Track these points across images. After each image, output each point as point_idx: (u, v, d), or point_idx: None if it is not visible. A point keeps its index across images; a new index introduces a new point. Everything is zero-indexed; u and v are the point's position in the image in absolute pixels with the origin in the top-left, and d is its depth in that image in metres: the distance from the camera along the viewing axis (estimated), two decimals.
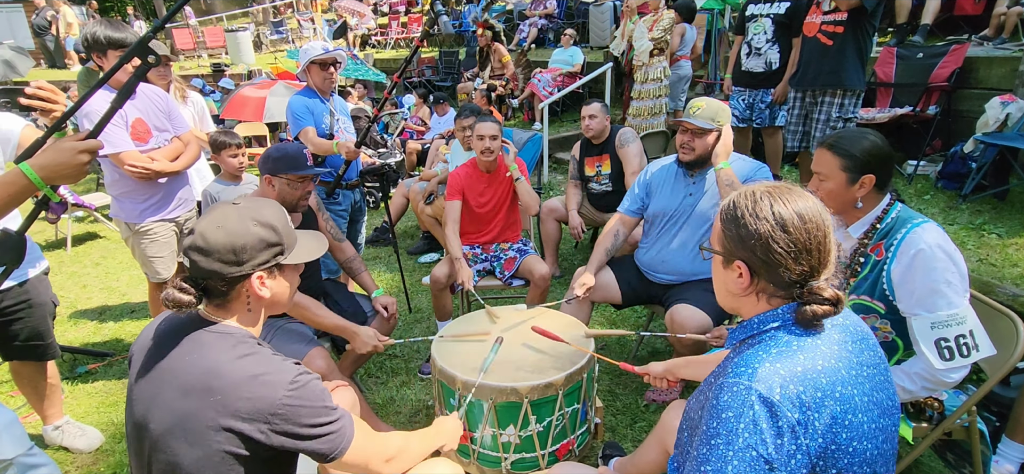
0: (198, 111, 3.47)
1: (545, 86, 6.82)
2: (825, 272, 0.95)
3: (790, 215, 0.93)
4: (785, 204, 0.94)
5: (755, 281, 0.98)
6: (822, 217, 0.95)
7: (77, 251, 4.87)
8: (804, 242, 0.92)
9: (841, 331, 0.96)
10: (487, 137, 2.70)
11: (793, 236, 0.92)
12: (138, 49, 1.36)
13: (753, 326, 0.99)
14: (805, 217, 0.93)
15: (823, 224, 0.94)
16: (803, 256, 0.93)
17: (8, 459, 1.56)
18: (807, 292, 0.93)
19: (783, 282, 0.94)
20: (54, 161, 1.28)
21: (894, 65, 4.41)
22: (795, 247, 0.92)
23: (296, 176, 2.09)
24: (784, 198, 0.95)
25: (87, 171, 1.35)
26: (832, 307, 0.92)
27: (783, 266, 0.93)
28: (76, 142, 1.30)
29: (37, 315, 2.05)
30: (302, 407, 1.06)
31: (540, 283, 2.68)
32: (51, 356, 2.16)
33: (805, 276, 0.94)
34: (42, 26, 11.69)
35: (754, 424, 0.87)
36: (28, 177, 1.26)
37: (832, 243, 0.95)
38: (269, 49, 14.14)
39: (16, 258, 1.38)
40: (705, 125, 2.15)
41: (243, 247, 1.09)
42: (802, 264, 0.93)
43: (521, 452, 1.77)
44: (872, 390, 0.95)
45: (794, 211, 0.94)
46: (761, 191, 0.98)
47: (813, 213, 0.94)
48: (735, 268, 0.99)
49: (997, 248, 2.92)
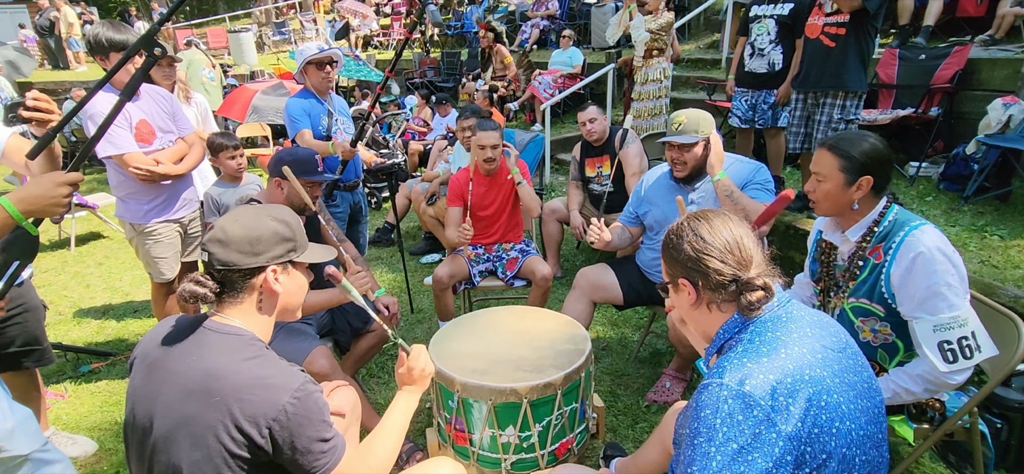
0: (201, 112, 3.48)
1: (546, 88, 6.83)
2: (753, 268, 1.07)
3: (706, 227, 1.10)
4: (700, 221, 1.11)
5: (701, 293, 1.11)
6: (735, 224, 1.11)
7: (81, 251, 4.89)
8: (724, 245, 1.07)
9: (799, 322, 1.05)
10: (488, 147, 2.71)
11: (713, 242, 1.08)
12: (143, 43, 1.36)
13: (720, 337, 1.10)
14: (718, 227, 1.09)
15: (736, 229, 1.10)
16: (727, 256, 1.07)
17: (24, 454, 1.56)
18: (741, 285, 1.06)
19: (720, 284, 1.07)
20: (33, 194, 1.29)
21: (896, 67, 4.40)
22: (718, 250, 1.07)
23: (306, 181, 2.10)
24: (700, 218, 1.12)
25: (68, 204, 1.35)
26: (763, 292, 1.04)
27: (714, 270, 1.07)
28: (56, 175, 1.31)
29: (32, 319, 2.02)
30: (304, 417, 1.06)
31: (542, 283, 2.68)
32: (47, 362, 2.10)
33: (736, 273, 1.06)
34: (44, 26, 11.74)
35: (730, 418, 0.92)
36: (7, 210, 1.27)
37: (750, 244, 1.09)
38: (271, 50, 14.17)
39: (29, 255, 1.37)
40: (688, 140, 2.15)
41: (259, 238, 1.14)
42: (728, 263, 1.06)
43: (521, 452, 1.78)
44: (842, 371, 1.01)
45: (710, 225, 1.10)
46: (681, 221, 1.15)
47: (725, 223, 1.10)
48: (682, 286, 1.13)
49: (999, 250, 2.91)
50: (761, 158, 3.53)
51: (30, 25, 13.20)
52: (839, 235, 1.65)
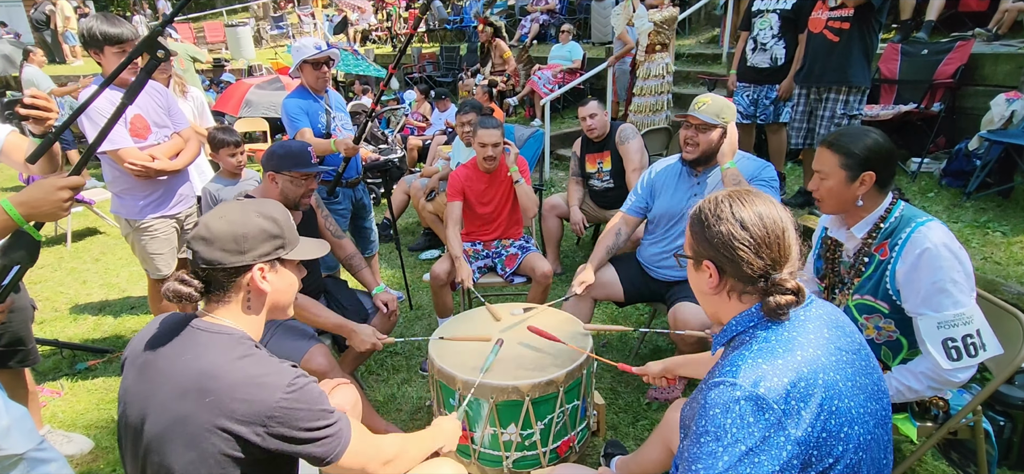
0: (198, 106, 3.45)
1: (545, 83, 6.79)
2: (787, 266, 1.00)
3: (749, 214, 1.00)
4: (744, 205, 1.02)
5: (723, 279, 1.03)
6: (781, 216, 1.02)
7: (77, 247, 4.86)
8: (763, 237, 0.99)
9: (816, 321, 1.00)
10: (489, 145, 2.68)
11: (752, 232, 0.99)
12: (146, 45, 1.34)
13: (732, 328, 1.05)
14: (763, 215, 1.00)
15: (781, 222, 1.01)
16: (763, 250, 0.99)
17: (19, 454, 1.54)
18: (771, 285, 0.99)
19: (748, 277, 1.00)
20: (34, 197, 1.28)
21: (898, 62, 4.37)
22: (755, 242, 0.99)
23: (300, 173, 2.08)
24: (743, 200, 1.03)
25: (69, 208, 1.34)
26: (793, 297, 0.97)
27: (746, 261, 0.99)
28: (57, 178, 1.30)
29: (19, 319, 2.00)
30: (299, 410, 1.05)
31: (541, 280, 2.66)
32: (32, 362, 2.09)
33: (767, 269, 0.99)
34: (40, 20, 11.65)
35: (741, 419, 0.89)
36: (8, 213, 1.26)
37: (791, 240, 1.01)
38: (269, 44, 14.10)
39: (30, 259, 1.35)
40: (710, 120, 2.13)
41: (244, 236, 1.10)
42: (763, 258, 0.99)
43: (523, 451, 1.76)
44: (855, 374, 0.98)
45: (753, 211, 1.01)
46: (723, 195, 1.05)
47: (771, 212, 1.01)
48: (705, 268, 1.05)
49: (1002, 246, 2.90)
50: (762, 154, 3.51)
51: (24, 18, 13.09)
52: (844, 232, 1.64)
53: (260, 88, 7.43)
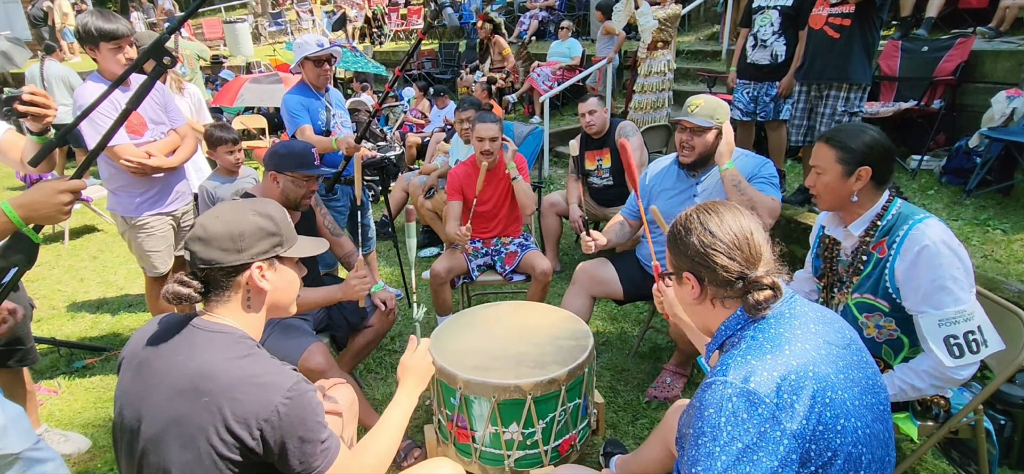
0: (195, 103, 3.43)
1: (544, 80, 6.77)
2: (761, 265, 1.04)
3: (716, 222, 1.06)
4: (710, 215, 1.08)
5: (704, 288, 1.08)
6: (746, 219, 1.07)
7: (74, 245, 4.84)
8: (732, 241, 1.04)
9: (803, 318, 1.03)
10: (487, 139, 2.67)
11: (721, 237, 1.04)
12: (153, 51, 1.33)
13: (721, 333, 1.08)
14: (729, 221, 1.06)
15: (747, 225, 1.06)
16: (735, 253, 1.04)
17: (15, 453, 1.53)
18: (748, 284, 1.03)
19: (725, 281, 1.04)
20: (34, 200, 1.28)
21: (899, 59, 4.36)
22: (726, 246, 1.04)
23: (302, 174, 2.06)
24: (710, 210, 1.09)
25: (69, 212, 1.33)
26: (771, 292, 1.01)
27: (721, 266, 1.04)
28: (58, 182, 1.29)
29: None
30: (297, 417, 1.03)
31: (541, 278, 2.66)
32: (31, 362, 2.07)
33: (743, 271, 1.03)
34: (38, 17, 11.59)
35: (734, 416, 0.90)
36: (7, 215, 1.25)
37: (760, 241, 1.06)
38: (268, 41, 14.03)
39: (29, 261, 1.34)
40: (703, 123, 2.12)
41: (241, 235, 1.10)
42: (736, 260, 1.04)
43: (524, 450, 1.75)
44: (847, 368, 0.99)
45: (720, 219, 1.07)
46: (690, 211, 1.12)
47: (736, 218, 1.07)
48: (686, 280, 1.10)
49: (1002, 244, 2.89)
50: (762, 151, 3.50)
51: (22, 15, 13.03)
52: (842, 230, 1.63)
53: (256, 82, 7.40)
